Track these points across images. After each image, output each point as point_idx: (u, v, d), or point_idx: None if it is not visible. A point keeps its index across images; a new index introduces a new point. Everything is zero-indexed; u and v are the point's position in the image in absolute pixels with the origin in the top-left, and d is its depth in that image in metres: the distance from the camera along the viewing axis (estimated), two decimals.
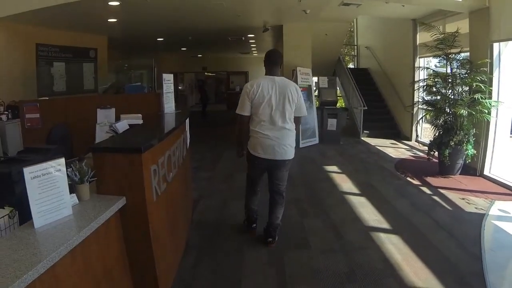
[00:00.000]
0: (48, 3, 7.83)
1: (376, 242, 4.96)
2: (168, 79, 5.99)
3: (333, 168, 8.95)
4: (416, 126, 9.09)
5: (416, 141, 12.42)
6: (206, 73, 28.98)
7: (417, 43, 12.31)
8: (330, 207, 6.28)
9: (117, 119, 5.53)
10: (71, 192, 2.63)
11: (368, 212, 6.00)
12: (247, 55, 24.72)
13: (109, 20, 10.47)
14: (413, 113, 12.28)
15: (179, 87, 26.54)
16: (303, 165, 9.17)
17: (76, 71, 12.18)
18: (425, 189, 7.35)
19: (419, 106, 10.18)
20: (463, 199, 6.72)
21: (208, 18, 11.05)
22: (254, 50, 21.94)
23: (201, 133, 14.48)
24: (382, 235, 5.16)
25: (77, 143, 6.13)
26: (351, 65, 20.24)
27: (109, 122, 5.40)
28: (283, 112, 4.46)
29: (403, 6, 10.24)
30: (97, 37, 12.72)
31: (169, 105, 5.94)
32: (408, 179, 8.03)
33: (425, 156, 9.30)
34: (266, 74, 4.63)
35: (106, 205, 2.75)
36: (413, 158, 10.15)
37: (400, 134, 13.42)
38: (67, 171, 2.57)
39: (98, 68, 12.98)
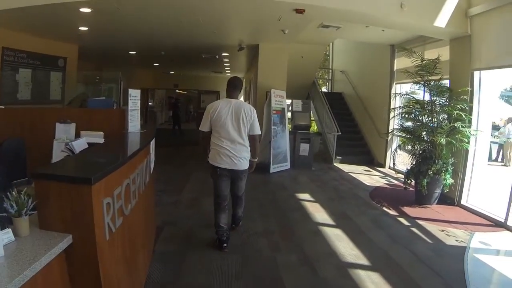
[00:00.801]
0: (9, 5, 7.31)
1: (355, 280, 4.53)
2: (134, 95, 5.54)
3: (306, 196, 8.51)
4: (393, 154, 8.80)
5: (391, 168, 12.16)
6: (177, 91, 28.54)
7: (395, 68, 12.15)
8: (304, 240, 5.80)
9: (78, 135, 5.04)
10: (5, 226, 2.16)
11: (344, 246, 5.55)
12: (220, 75, 24.32)
13: (80, 28, 9.96)
14: (387, 139, 12.09)
15: (150, 103, 26.04)
16: (274, 192, 8.73)
17: (43, 79, 11.56)
18: (402, 219, 7.01)
19: (396, 133, 9.89)
20: (442, 230, 6.46)
21: (183, 33, 10.64)
22: (227, 70, 21.62)
23: (169, 152, 14.03)
24: (361, 272, 4.74)
25: (33, 160, 5.53)
26: (324, 89, 20.01)
27: (67, 139, 4.88)
28: (238, 130, 5.23)
29: (383, 30, 10.05)
30: (68, 46, 12.19)
31: (134, 123, 5.49)
32: (384, 208, 7.69)
33: (400, 184, 9.11)
34: (226, 97, 5.55)
35: (48, 244, 2.23)
36: (388, 186, 9.85)
37: (373, 161, 13.19)
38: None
39: (67, 78, 12.34)
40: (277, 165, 11.06)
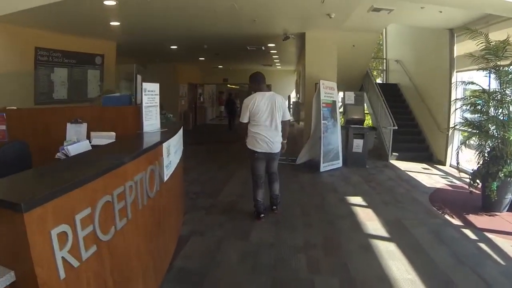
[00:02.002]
0: (33, 3, 7.12)
1: None
2: (150, 89, 4.82)
3: (358, 199, 7.60)
4: (457, 152, 7.74)
5: (452, 166, 11.03)
6: (228, 85, 28.04)
7: (455, 55, 10.98)
8: (351, 258, 4.92)
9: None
10: None
11: (398, 267, 4.63)
12: (270, 68, 23.53)
13: (112, 23, 9.60)
14: (448, 134, 11.01)
15: (200, 99, 25.66)
16: (322, 195, 7.86)
17: (80, 78, 11.41)
18: (468, 232, 5.94)
19: (459, 128, 8.78)
20: None
21: (221, 23, 9.96)
22: (277, 62, 20.77)
23: (217, 149, 13.66)
24: None
25: (39, 165, 4.94)
26: (379, 80, 18.95)
27: (78, 140, 4.27)
28: (273, 118, 6.06)
29: (440, 12, 9.04)
30: (105, 43, 11.99)
31: (151, 122, 4.81)
32: (447, 216, 6.64)
33: (464, 185, 8.30)
34: (255, 91, 6.21)
35: None
36: (450, 188, 8.76)
37: (432, 158, 12.09)
38: None
39: (105, 75, 12.14)
40: (328, 163, 10.18)
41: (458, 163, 7.81)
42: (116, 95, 6.22)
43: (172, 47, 14.28)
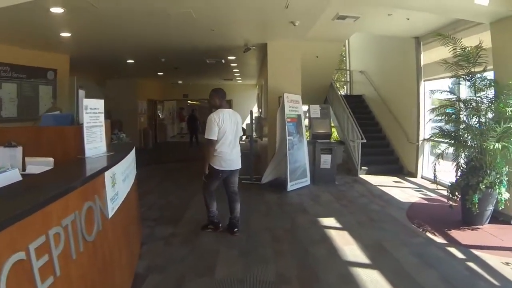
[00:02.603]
0: None
1: None
2: (93, 106, 4.14)
3: (330, 220, 7.01)
4: (434, 164, 7.29)
5: (423, 177, 10.79)
6: (188, 101, 27.37)
7: (422, 64, 10.71)
8: None
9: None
10: None
11: None
12: (231, 82, 23.02)
13: (62, 34, 8.93)
14: (418, 145, 10.73)
15: (159, 115, 24.87)
16: (292, 217, 7.22)
17: (30, 94, 10.65)
18: (453, 250, 5.45)
19: (434, 139, 8.34)
20: (507, 263, 4.93)
21: (176, 33, 9.33)
22: (237, 76, 20.23)
23: (178, 168, 13.04)
24: None
25: None
26: (342, 92, 18.59)
27: (13, 167, 3.55)
28: (237, 135, 6.07)
29: (408, 19, 8.79)
30: (57, 56, 11.30)
31: (94, 145, 4.11)
32: (428, 234, 6.15)
33: (439, 198, 8.39)
34: (218, 108, 5.99)
35: None
36: (426, 202, 8.36)
37: (403, 170, 11.74)
38: None
39: (58, 92, 11.36)
40: (295, 182, 9.58)
41: (435, 176, 7.33)
42: (56, 113, 5.53)
43: (128, 61, 13.57)
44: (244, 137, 19.44)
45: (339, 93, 14.90)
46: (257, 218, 7.12)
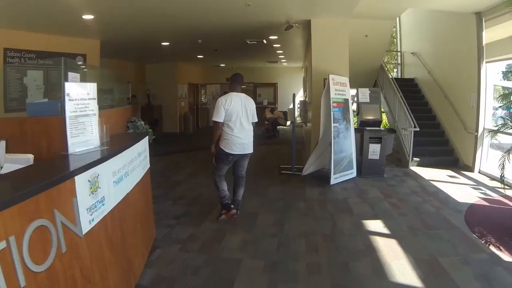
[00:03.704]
0: None
1: None
2: (79, 92, 3.35)
3: (378, 224, 6.01)
4: (503, 161, 6.16)
5: (481, 172, 9.60)
6: None
7: (483, 43, 9.41)
8: None
9: None
10: None
11: None
12: (275, 65, 22.21)
13: (84, 16, 8.39)
14: (477, 135, 9.53)
15: (202, 99, 24.23)
16: (334, 218, 6.28)
17: (58, 81, 9.87)
18: None
19: (506, 131, 7.16)
20: None
21: (209, 10, 8.52)
22: (282, 58, 19.24)
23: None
24: None
25: None
26: (392, 75, 17.43)
27: None
28: (247, 119, 6.05)
29: None
30: (86, 41, 10.93)
31: (83, 138, 3.33)
32: (493, 249, 5.03)
33: (501, 198, 7.27)
34: (231, 91, 6.07)
35: None
36: (486, 204, 7.18)
37: (458, 163, 10.55)
38: None
39: (88, 78, 10.60)
40: (340, 174, 8.61)
41: (503, 176, 6.22)
42: (44, 101, 4.77)
43: (163, 43, 12.86)
44: (288, 123, 18.75)
45: (390, 76, 13.75)
46: (294, 219, 6.23)
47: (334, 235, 5.59)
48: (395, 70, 18.09)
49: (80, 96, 3.33)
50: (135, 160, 4.14)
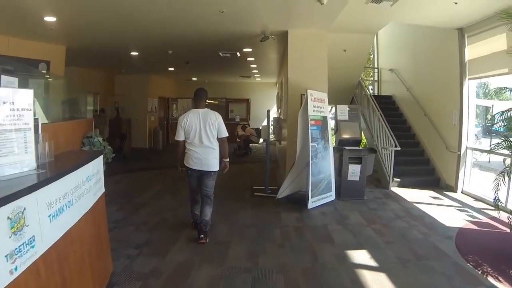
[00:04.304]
0: None
1: None
2: (8, 100, 2.69)
3: (363, 255, 5.40)
4: (498, 182, 5.70)
5: (464, 192, 9.29)
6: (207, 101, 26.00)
7: (466, 59, 9.15)
8: None
9: None
10: None
11: None
12: (249, 80, 21.77)
13: (46, 18, 7.78)
14: (459, 154, 9.23)
15: (174, 115, 23.54)
16: (314, 250, 5.60)
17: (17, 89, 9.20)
18: None
19: (498, 151, 6.72)
20: None
21: (182, 17, 7.98)
22: (256, 73, 18.75)
23: (183, 175, 11.26)
24: None
25: None
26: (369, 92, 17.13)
27: None
28: (206, 135, 5.89)
29: (456, 3, 7.32)
30: (51, 47, 10.25)
31: (11, 159, 2.70)
32: (491, 279, 4.58)
33: (489, 221, 7.06)
34: (194, 107, 6.09)
35: None
36: (475, 227, 6.77)
37: (439, 183, 10.17)
38: None
39: (52, 87, 10.22)
40: (318, 197, 7.98)
41: (496, 199, 5.75)
42: None
43: (132, 53, 12.19)
44: (261, 140, 18.17)
45: (369, 92, 13.38)
46: (269, 250, 5.55)
47: (316, 269, 4.94)
48: (370, 88, 17.75)
49: (11, 106, 2.67)
50: (83, 186, 3.45)
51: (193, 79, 21.99)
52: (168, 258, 5.20)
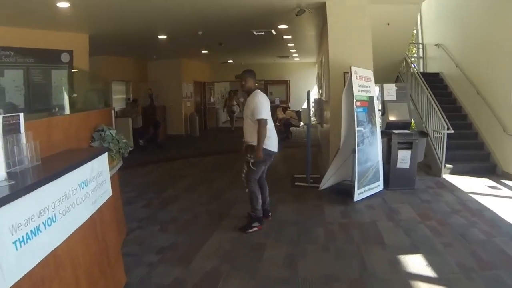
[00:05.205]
0: None
1: None
2: None
3: (419, 262, 4.55)
4: None
5: None
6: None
7: None
8: None
9: None
10: None
11: None
12: (287, 60, 21.00)
13: (58, 4, 7.28)
14: None
15: (211, 99, 23.14)
16: (362, 254, 4.81)
17: (41, 81, 9.28)
18: None
19: None
20: None
21: None
22: (294, 52, 17.98)
23: (223, 163, 11.10)
24: None
25: None
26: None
27: None
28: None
29: None
30: (73, 36, 9.92)
31: None
32: None
33: None
34: (252, 89, 5.78)
35: None
36: None
37: (495, 169, 9.18)
38: None
39: (75, 77, 9.99)
40: (365, 188, 7.17)
41: None
42: None
43: (160, 36, 11.62)
44: (301, 124, 17.43)
45: (415, 70, 12.37)
46: (311, 255, 4.81)
47: (365, 281, 4.16)
48: (413, 65, 16.77)
49: None
50: (74, 195, 2.79)
51: (229, 61, 21.39)
52: (193, 266, 4.55)
